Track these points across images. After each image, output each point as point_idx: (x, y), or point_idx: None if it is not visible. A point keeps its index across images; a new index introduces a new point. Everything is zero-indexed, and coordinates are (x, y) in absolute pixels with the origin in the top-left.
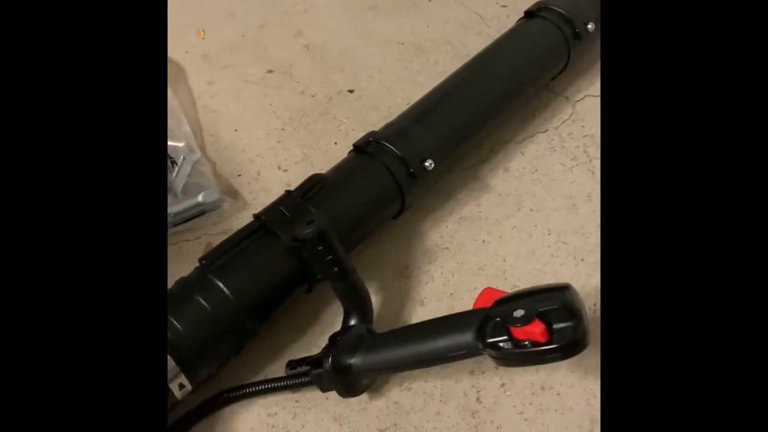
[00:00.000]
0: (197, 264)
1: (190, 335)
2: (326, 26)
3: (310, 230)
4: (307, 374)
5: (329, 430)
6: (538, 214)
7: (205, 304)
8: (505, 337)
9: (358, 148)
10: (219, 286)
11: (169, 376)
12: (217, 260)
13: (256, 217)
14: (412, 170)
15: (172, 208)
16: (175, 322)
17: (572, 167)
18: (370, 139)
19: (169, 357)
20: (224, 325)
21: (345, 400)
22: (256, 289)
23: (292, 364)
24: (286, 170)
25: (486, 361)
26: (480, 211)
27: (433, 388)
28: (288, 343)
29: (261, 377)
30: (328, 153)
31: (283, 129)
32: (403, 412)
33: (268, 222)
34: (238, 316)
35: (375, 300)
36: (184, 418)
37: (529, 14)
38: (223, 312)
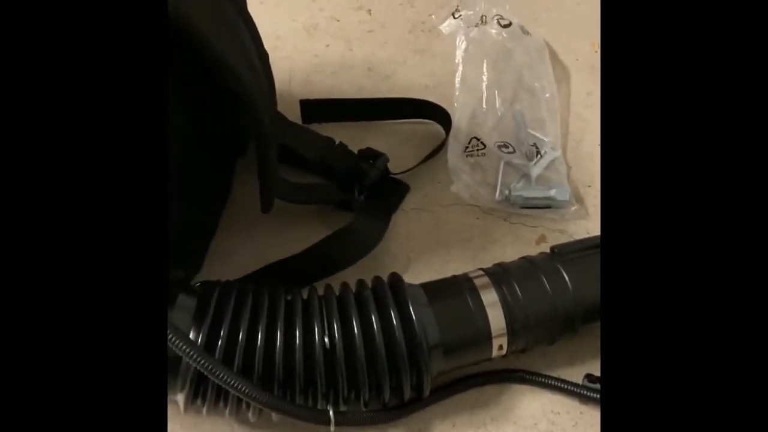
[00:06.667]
0: (547, 250)
1: (526, 307)
2: None
3: None
4: None
5: None
6: None
7: (547, 286)
8: None
9: None
10: (564, 277)
11: (495, 333)
12: (569, 254)
13: None
14: None
15: (525, 192)
16: (517, 289)
17: None
18: None
19: (502, 317)
20: (557, 311)
21: None
22: (592, 295)
23: (591, 378)
24: None
25: None
26: None
27: None
28: (589, 357)
29: (555, 375)
30: None
31: None
32: None
33: None
34: (570, 309)
35: None
36: (480, 374)
37: None
38: (560, 300)
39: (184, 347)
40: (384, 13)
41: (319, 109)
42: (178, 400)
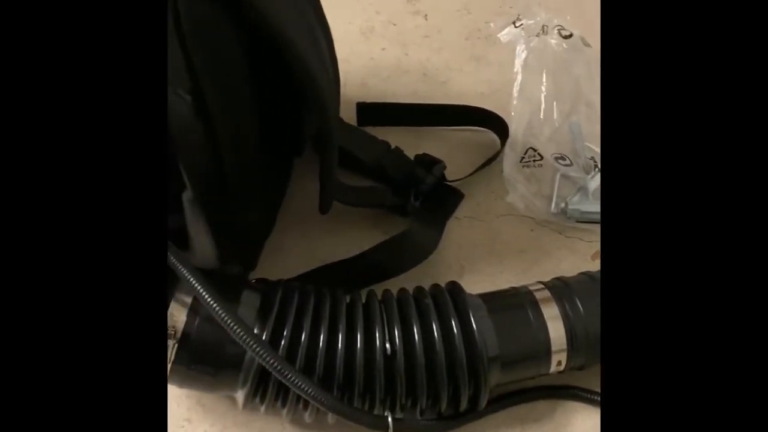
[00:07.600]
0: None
1: (587, 324)
2: None
3: None
4: None
5: None
6: None
7: None
8: None
9: None
10: None
11: (555, 348)
12: None
13: None
14: None
15: (582, 206)
16: (579, 304)
17: None
18: None
19: (563, 331)
20: None
21: None
22: None
23: None
24: None
25: None
26: None
27: None
28: None
29: None
30: None
31: None
32: None
33: None
34: None
35: None
36: (534, 389)
37: None
38: None
39: (252, 343)
40: (440, 18)
41: (375, 112)
42: (237, 396)
